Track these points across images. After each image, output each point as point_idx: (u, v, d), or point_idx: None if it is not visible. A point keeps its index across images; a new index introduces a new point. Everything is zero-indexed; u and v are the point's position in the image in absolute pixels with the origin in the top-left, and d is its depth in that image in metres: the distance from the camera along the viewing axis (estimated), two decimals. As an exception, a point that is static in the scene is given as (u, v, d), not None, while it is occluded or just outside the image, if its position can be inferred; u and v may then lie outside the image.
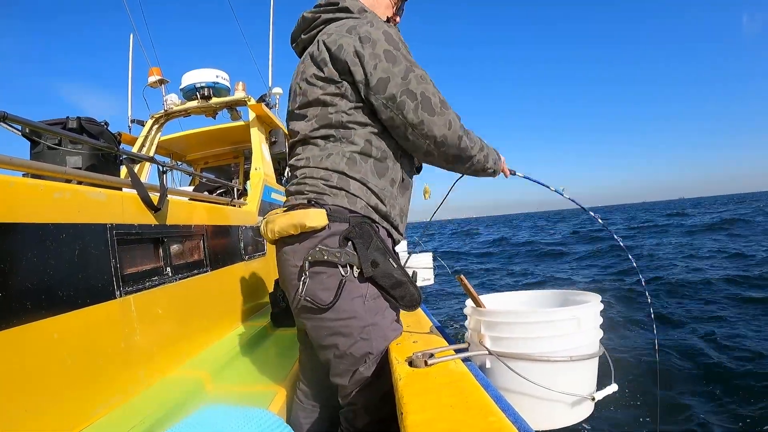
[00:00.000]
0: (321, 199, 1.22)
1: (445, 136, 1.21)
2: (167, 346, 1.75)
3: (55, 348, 1.20)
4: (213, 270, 2.29)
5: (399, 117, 1.20)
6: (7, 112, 1.36)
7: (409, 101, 1.18)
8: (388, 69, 1.18)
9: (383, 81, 1.18)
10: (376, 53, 1.18)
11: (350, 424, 1.30)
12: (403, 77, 1.18)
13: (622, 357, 4.83)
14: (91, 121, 2.03)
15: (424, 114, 1.18)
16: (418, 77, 1.20)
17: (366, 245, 1.19)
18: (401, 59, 1.19)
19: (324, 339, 1.23)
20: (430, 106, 1.19)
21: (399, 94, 1.18)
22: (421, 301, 1.27)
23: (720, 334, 5.31)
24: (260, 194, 3.46)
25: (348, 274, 1.18)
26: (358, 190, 1.24)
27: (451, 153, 1.26)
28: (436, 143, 1.22)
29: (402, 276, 1.22)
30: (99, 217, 1.45)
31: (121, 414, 1.35)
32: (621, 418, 3.73)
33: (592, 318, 1.22)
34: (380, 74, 1.18)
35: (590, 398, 1.19)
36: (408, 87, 1.18)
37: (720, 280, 8.35)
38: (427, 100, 1.19)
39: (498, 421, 0.67)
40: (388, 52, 1.19)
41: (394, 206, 1.31)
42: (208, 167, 5.27)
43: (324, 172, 1.25)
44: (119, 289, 1.50)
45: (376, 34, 1.20)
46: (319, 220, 1.17)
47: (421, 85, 1.19)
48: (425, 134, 1.21)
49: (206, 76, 4.05)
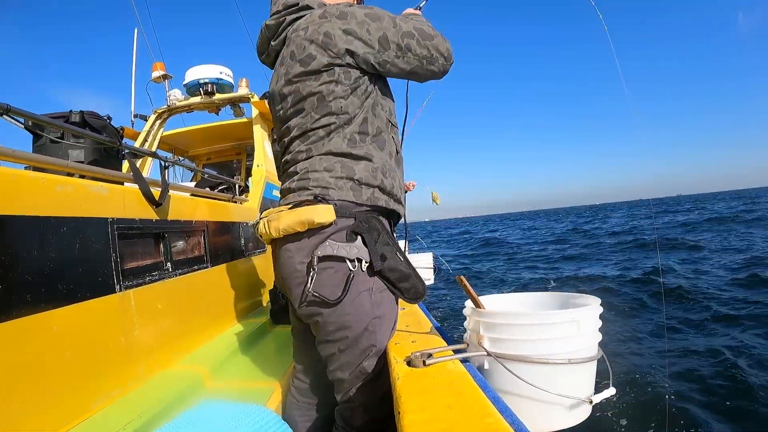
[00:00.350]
0: (327, 194, 1.22)
1: (448, 47, 1.31)
2: (167, 341, 1.76)
3: (54, 341, 1.20)
4: (213, 266, 2.29)
5: (413, 58, 1.27)
6: (10, 104, 1.36)
7: (411, 41, 1.26)
8: (379, 27, 1.24)
9: (383, 38, 1.24)
10: (360, 21, 1.24)
11: (347, 423, 1.30)
12: (394, 25, 1.25)
13: (621, 361, 4.83)
14: (94, 115, 2.04)
15: (427, 42, 1.27)
16: (402, 19, 1.28)
17: (374, 239, 1.20)
18: (382, 14, 1.26)
19: (330, 333, 1.23)
20: (426, 34, 1.27)
21: (401, 39, 1.25)
22: (425, 294, 1.27)
23: (731, 343, 5.27)
24: (262, 191, 3.46)
25: (356, 268, 1.18)
26: (364, 172, 1.24)
27: (452, 60, 1.35)
28: (445, 57, 1.31)
29: (408, 269, 1.23)
30: (100, 211, 1.45)
31: (120, 407, 1.36)
32: (618, 422, 3.73)
33: (591, 321, 1.21)
34: (377, 34, 1.24)
35: (588, 401, 1.19)
36: (403, 30, 1.25)
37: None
38: (421, 30, 1.27)
39: (495, 422, 0.67)
40: (368, 14, 1.25)
41: (395, 179, 1.33)
42: (211, 163, 5.27)
43: (327, 160, 1.25)
44: (119, 284, 1.50)
45: (348, 8, 1.26)
46: (327, 216, 1.17)
47: (410, 23, 1.27)
48: (436, 57, 1.29)
49: (210, 72, 4.06)
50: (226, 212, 2.63)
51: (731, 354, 4.78)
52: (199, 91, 4.08)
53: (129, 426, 1.23)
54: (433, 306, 8.71)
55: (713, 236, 16.01)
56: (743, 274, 8.68)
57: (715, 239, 14.96)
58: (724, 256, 11.37)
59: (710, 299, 7.11)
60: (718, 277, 8.96)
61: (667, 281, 8.71)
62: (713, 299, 7.10)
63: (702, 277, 9.05)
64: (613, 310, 6.90)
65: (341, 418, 1.32)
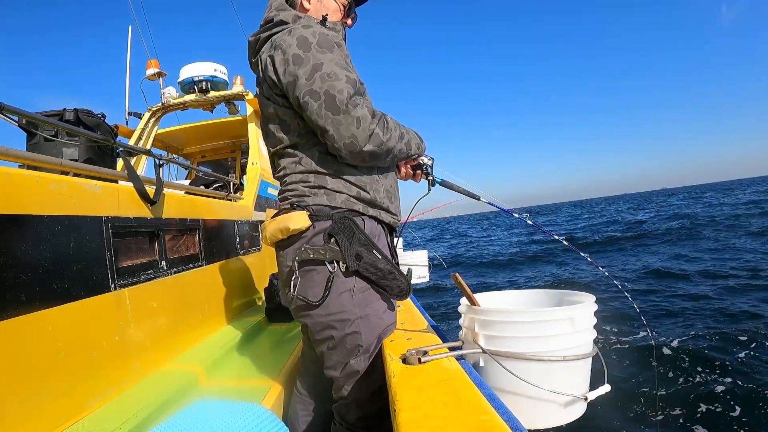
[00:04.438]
0: (302, 201, 1.26)
1: (355, 136, 1.14)
2: (161, 340, 1.75)
3: (49, 340, 1.20)
4: (208, 264, 2.29)
5: (311, 119, 1.17)
6: (4, 102, 1.35)
7: (312, 101, 1.14)
8: (293, 72, 1.16)
9: (291, 84, 1.17)
10: (285, 59, 1.18)
11: (342, 418, 1.32)
12: (308, 77, 1.14)
13: (616, 357, 4.86)
14: (88, 113, 2.02)
15: (328, 113, 1.12)
16: (324, 75, 1.13)
17: (348, 239, 1.21)
18: (309, 59, 1.14)
19: (318, 333, 1.27)
20: (334, 104, 1.12)
21: (302, 95, 1.15)
22: (410, 289, 1.29)
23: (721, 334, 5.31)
24: (256, 189, 3.46)
25: (336, 270, 1.21)
26: (336, 184, 1.26)
27: (366, 151, 1.18)
28: (345, 145, 1.15)
29: (387, 266, 1.24)
30: (95, 210, 1.45)
31: (115, 406, 1.35)
32: (613, 419, 3.75)
33: (586, 318, 1.22)
34: (288, 78, 1.17)
35: (583, 398, 1.20)
36: (312, 87, 1.13)
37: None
38: (331, 98, 1.12)
39: (490, 419, 0.68)
40: (296, 55, 1.16)
41: (379, 190, 1.31)
42: (205, 161, 5.25)
43: (302, 175, 1.28)
44: (114, 282, 1.49)
45: (290, 41, 1.18)
46: (301, 222, 1.21)
47: (326, 83, 1.12)
48: (333, 137, 1.15)
49: (205, 69, 4.04)
50: (221, 210, 2.62)
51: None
52: (194, 89, 4.06)
53: (124, 425, 1.23)
54: (428, 304, 8.73)
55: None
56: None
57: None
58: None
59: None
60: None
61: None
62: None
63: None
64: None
65: (337, 414, 1.35)
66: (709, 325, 5.70)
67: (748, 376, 4.22)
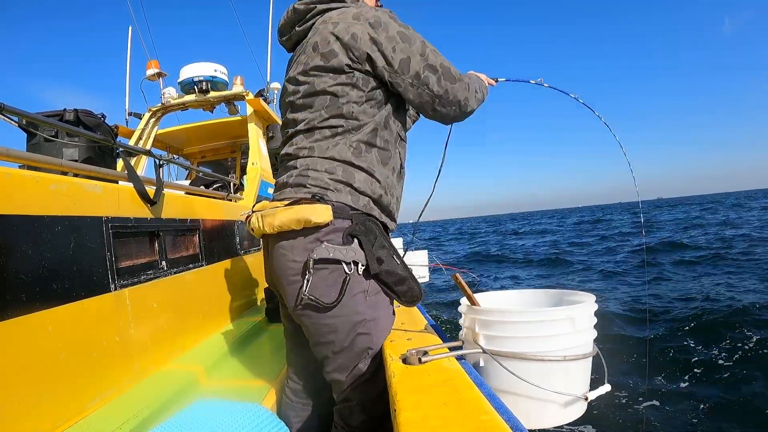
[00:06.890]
0: (325, 194, 1.20)
1: (467, 98, 1.30)
2: (162, 340, 1.75)
3: (49, 341, 1.20)
4: (208, 264, 2.29)
5: (426, 92, 1.25)
6: (4, 103, 1.35)
7: (431, 75, 1.24)
8: (406, 49, 1.21)
9: (405, 61, 1.21)
10: (391, 36, 1.21)
11: (345, 422, 1.30)
12: (422, 54, 1.23)
13: (615, 358, 4.86)
14: (88, 114, 2.03)
15: (447, 83, 1.25)
16: (433, 51, 1.25)
17: (371, 242, 1.18)
18: (415, 37, 1.23)
19: (324, 336, 1.21)
20: (450, 75, 1.26)
21: (422, 70, 1.23)
22: (422, 297, 1.26)
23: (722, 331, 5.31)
24: (257, 189, 3.46)
25: (352, 271, 1.16)
26: (363, 183, 1.23)
27: (472, 109, 1.35)
28: (461, 106, 1.30)
29: (405, 272, 1.22)
30: (95, 210, 1.45)
31: (115, 407, 1.35)
32: (613, 419, 3.75)
33: (586, 318, 1.22)
34: (401, 55, 1.21)
35: (583, 398, 1.20)
36: (428, 62, 1.23)
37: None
38: (447, 69, 1.25)
39: (491, 419, 0.67)
40: (401, 33, 1.22)
41: (393, 195, 1.32)
42: (205, 161, 5.25)
43: (329, 163, 1.22)
44: (114, 282, 1.49)
45: (385, 18, 1.22)
46: (325, 216, 1.14)
47: (438, 58, 1.25)
48: (451, 101, 1.28)
49: (204, 69, 4.04)
50: (221, 210, 2.62)
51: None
52: (194, 89, 4.06)
53: (125, 425, 1.23)
54: (428, 303, 8.72)
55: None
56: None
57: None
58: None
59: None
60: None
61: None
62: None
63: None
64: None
65: (339, 417, 1.32)
66: (714, 326, 5.70)
67: (751, 377, 4.22)
